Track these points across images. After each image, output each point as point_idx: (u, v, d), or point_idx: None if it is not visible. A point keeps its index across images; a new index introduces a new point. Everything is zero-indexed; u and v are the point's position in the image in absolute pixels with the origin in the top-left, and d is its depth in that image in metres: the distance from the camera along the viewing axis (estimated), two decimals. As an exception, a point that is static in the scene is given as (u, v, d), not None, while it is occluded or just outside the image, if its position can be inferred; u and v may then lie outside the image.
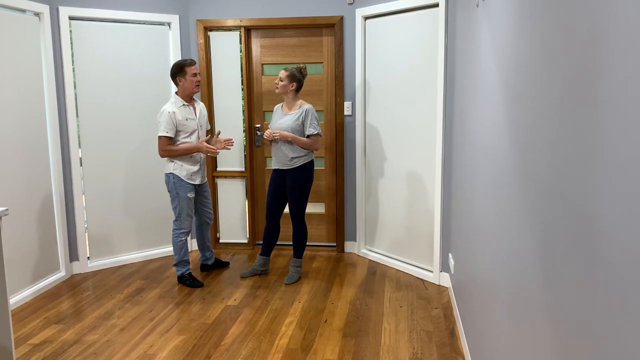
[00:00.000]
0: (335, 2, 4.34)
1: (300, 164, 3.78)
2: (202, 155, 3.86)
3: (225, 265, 4.29)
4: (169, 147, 3.68)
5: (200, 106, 3.90)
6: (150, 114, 4.41)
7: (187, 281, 3.89)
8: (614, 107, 0.88)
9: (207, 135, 3.96)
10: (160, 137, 3.67)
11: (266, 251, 4.07)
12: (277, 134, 3.72)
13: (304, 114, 3.75)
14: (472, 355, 2.62)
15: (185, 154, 3.73)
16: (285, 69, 3.78)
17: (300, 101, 3.82)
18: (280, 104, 3.92)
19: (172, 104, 3.71)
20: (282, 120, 3.79)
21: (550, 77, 1.26)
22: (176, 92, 3.77)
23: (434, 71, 3.78)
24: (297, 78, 3.77)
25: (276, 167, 3.86)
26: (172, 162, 3.76)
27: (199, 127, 3.82)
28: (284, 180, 3.88)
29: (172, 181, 3.76)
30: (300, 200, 3.84)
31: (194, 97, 3.87)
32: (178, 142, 3.73)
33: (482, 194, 2.34)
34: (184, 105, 3.74)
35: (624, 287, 0.83)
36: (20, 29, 3.64)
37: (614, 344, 0.87)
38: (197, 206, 4.01)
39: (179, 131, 3.71)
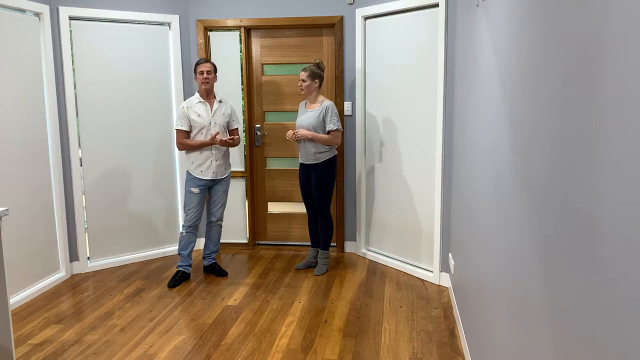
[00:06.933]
0: (335, 2, 4.34)
1: (324, 158, 3.93)
2: (215, 151, 3.89)
3: (223, 274, 4.11)
4: (184, 140, 3.83)
5: (224, 106, 3.94)
6: (150, 114, 4.41)
7: (175, 277, 3.94)
8: (614, 107, 0.88)
9: (229, 136, 3.95)
10: (175, 131, 3.87)
11: (314, 242, 4.24)
12: (298, 134, 3.86)
13: (324, 111, 3.88)
14: (472, 355, 2.62)
15: (200, 148, 3.84)
16: (304, 69, 3.89)
17: (321, 97, 3.96)
18: (305, 101, 4.06)
19: (189, 100, 3.90)
20: (304, 117, 3.94)
21: (550, 77, 1.26)
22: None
23: (434, 71, 3.78)
24: (318, 74, 3.91)
25: (302, 162, 4.03)
26: (187, 156, 3.92)
27: (211, 125, 3.85)
28: (310, 174, 4.03)
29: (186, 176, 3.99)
30: (325, 194, 4.00)
31: (216, 96, 3.94)
32: (192, 138, 3.89)
33: (482, 193, 2.34)
34: (200, 102, 3.88)
35: (624, 287, 0.83)
36: (20, 29, 3.64)
37: (614, 344, 0.87)
38: (208, 203, 4.10)
39: (191, 126, 3.85)
